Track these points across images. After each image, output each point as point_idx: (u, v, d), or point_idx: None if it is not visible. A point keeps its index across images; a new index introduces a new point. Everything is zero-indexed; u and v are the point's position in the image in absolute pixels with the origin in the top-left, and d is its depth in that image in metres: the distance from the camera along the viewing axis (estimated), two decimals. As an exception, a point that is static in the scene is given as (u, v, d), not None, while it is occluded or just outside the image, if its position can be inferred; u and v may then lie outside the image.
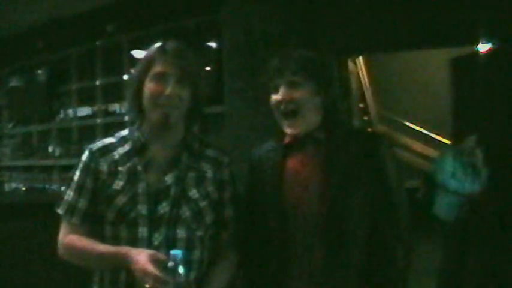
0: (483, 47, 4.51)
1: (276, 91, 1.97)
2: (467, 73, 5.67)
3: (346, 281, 1.85)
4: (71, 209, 1.90)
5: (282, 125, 1.98)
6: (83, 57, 6.44)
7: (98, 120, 6.24)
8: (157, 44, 1.94)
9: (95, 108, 6.32)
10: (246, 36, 4.60)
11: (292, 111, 1.94)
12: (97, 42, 6.21)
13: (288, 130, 1.97)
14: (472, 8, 4.16)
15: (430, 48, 6.65)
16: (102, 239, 1.85)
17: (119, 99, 6.02)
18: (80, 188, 1.90)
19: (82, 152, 1.96)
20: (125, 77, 5.93)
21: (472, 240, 4.98)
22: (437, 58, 8.30)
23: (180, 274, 1.60)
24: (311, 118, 1.97)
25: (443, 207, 5.06)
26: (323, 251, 1.85)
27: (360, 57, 8.18)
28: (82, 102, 6.50)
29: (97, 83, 6.31)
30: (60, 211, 1.93)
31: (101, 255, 1.77)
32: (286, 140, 2.03)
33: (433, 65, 9.14)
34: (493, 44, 4.35)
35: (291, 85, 1.94)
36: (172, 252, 1.63)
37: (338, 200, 1.85)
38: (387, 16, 4.42)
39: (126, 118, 5.81)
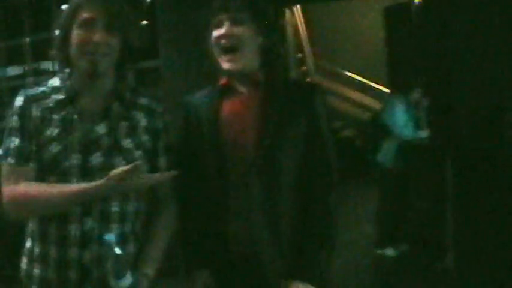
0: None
1: (219, 27, 1.95)
2: (402, 22, 5.74)
3: (281, 218, 1.92)
4: (5, 151, 1.80)
5: (220, 61, 1.96)
6: (10, 14, 6.16)
7: (30, 79, 6.01)
8: None
9: (25, 67, 6.09)
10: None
11: (232, 47, 1.93)
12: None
13: (226, 65, 1.94)
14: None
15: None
16: None
17: (49, 56, 5.80)
18: (12, 130, 1.81)
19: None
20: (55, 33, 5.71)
21: (412, 185, 5.15)
22: (373, 7, 8.37)
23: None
24: (251, 57, 1.97)
25: (388, 154, 5.18)
26: (259, 189, 1.90)
27: (297, 7, 8.17)
28: (11, 61, 6.25)
29: (26, 40, 6.06)
30: None
31: (71, 197, 1.70)
32: (222, 81, 2.02)
33: (368, 14, 9.23)
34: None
35: (234, 21, 1.93)
36: (106, 237, 1.63)
37: (273, 142, 1.90)
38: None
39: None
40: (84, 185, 1.71)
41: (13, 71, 6.21)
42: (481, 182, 3.99)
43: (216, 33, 1.96)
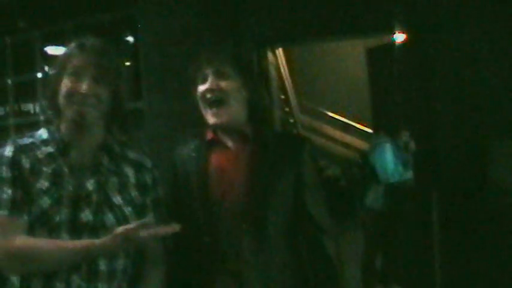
0: (398, 37, 4.60)
1: (204, 81, 1.98)
2: (384, 63, 5.79)
3: (273, 273, 1.90)
4: None
5: (206, 115, 1.97)
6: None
7: (11, 121, 5.94)
8: (76, 40, 1.85)
9: (7, 108, 6.02)
10: (163, 30, 4.51)
11: (218, 100, 1.94)
12: (7, 38, 5.92)
13: (213, 120, 1.95)
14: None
15: (347, 39, 6.76)
16: None
17: (32, 98, 5.77)
18: (3, 180, 1.74)
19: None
20: (38, 74, 5.69)
21: (399, 227, 5.12)
22: (356, 48, 8.47)
23: None
24: (237, 110, 1.98)
25: (375, 197, 5.17)
26: (250, 245, 1.88)
27: (279, 48, 8.23)
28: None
29: (8, 81, 6.01)
30: None
31: (74, 253, 1.65)
32: (209, 136, 2.02)
33: (351, 55, 9.33)
34: (408, 34, 4.44)
35: (219, 75, 1.96)
36: None
37: (262, 196, 1.90)
38: (305, 6, 4.44)
39: (42, 118, 5.61)
40: (88, 242, 1.67)
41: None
42: (467, 222, 3.99)
43: (201, 87, 1.97)
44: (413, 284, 4.90)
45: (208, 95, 1.96)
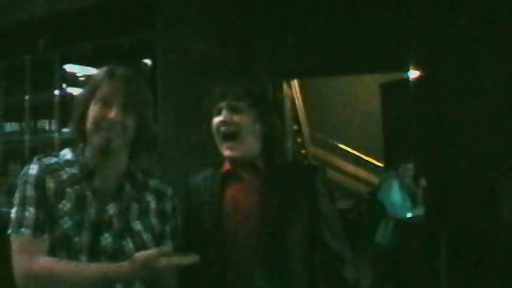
0: (412, 74, 4.64)
1: (219, 114, 1.99)
2: (397, 99, 5.82)
3: None
4: (19, 221, 1.73)
5: (221, 148, 1.98)
6: (12, 70, 6.24)
7: (26, 137, 6.01)
8: (107, 67, 1.87)
9: (23, 124, 6.11)
10: (180, 55, 4.57)
11: (232, 133, 1.95)
12: (27, 56, 6.03)
13: (227, 153, 1.96)
14: (401, 36, 4.29)
15: (361, 73, 6.80)
16: None
17: (48, 115, 5.85)
18: (27, 199, 1.75)
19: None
20: (56, 92, 5.78)
21: (407, 264, 5.09)
22: (369, 82, 8.52)
23: None
24: (251, 144, 1.98)
25: (385, 233, 5.16)
26: (263, 281, 1.86)
27: (295, 80, 8.30)
28: (10, 118, 6.27)
29: (26, 97, 6.10)
30: (9, 231, 1.76)
31: (93, 277, 1.65)
32: (225, 167, 2.03)
33: (364, 89, 9.38)
34: (421, 70, 4.48)
35: (234, 109, 1.97)
36: None
37: (277, 230, 1.89)
38: (321, 41, 4.50)
39: (55, 135, 5.67)
40: (107, 266, 1.68)
41: (11, 127, 6.23)
42: (475, 260, 3.96)
43: (216, 120, 1.99)
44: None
45: (223, 128, 1.96)
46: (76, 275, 1.67)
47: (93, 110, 1.79)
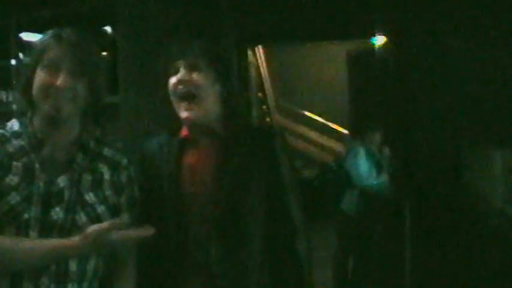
0: (378, 41, 4.62)
1: (175, 73, 1.90)
2: (363, 67, 5.81)
3: (245, 276, 1.85)
4: None
5: (178, 109, 1.90)
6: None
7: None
8: (53, 30, 1.76)
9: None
10: (142, 23, 4.45)
11: (190, 94, 1.87)
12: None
13: (184, 114, 1.88)
14: (367, 1, 4.25)
15: (326, 41, 6.77)
16: None
17: (4, 85, 5.68)
18: None
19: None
20: (13, 61, 5.61)
21: (372, 232, 5.13)
22: (335, 50, 8.48)
23: None
24: (209, 106, 1.91)
25: (350, 202, 5.17)
26: (220, 246, 1.83)
27: (259, 48, 8.22)
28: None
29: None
30: None
31: (44, 253, 1.59)
32: (182, 132, 1.96)
33: (330, 57, 9.35)
34: (387, 37, 4.47)
35: (192, 68, 1.88)
36: None
37: (233, 196, 1.84)
38: (286, 7, 4.43)
39: (15, 107, 5.52)
40: (58, 241, 1.61)
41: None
42: (439, 226, 4.04)
43: (173, 79, 1.90)
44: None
45: (180, 88, 1.88)
46: (25, 252, 1.60)
47: (39, 76, 1.69)
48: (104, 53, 4.69)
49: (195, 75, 1.87)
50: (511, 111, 4.04)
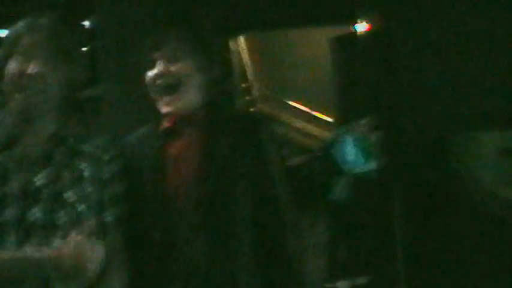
0: (361, 27, 4.58)
1: (153, 66, 1.81)
2: (347, 53, 5.78)
3: (234, 270, 1.77)
4: None
5: (159, 103, 1.81)
6: None
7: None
8: (27, 18, 1.68)
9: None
10: (121, 13, 4.40)
11: (171, 86, 1.78)
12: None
13: (166, 109, 1.79)
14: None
15: (309, 27, 6.73)
16: None
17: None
18: None
19: None
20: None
21: (362, 218, 5.13)
22: (319, 37, 8.43)
23: None
24: (192, 96, 1.82)
25: (339, 189, 5.15)
26: (206, 244, 1.75)
27: (241, 36, 8.17)
28: None
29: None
30: None
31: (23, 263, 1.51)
32: (164, 124, 1.86)
33: (313, 44, 9.30)
34: (370, 23, 4.44)
35: (170, 59, 1.79)
36: None
37: (220, 187, 1.76)
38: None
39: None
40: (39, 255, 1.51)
41: None
42: (428, 212, 4.05)
43: (150, 73, 1.81)
44: (377, 275, 4.93)
45: (158, 82, 1.79)
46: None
47: (10, 66, 1.60)
48: (82, 44, 4.61)
49: (174, 67, 1.79)
50: (499, 91, 4.03)
